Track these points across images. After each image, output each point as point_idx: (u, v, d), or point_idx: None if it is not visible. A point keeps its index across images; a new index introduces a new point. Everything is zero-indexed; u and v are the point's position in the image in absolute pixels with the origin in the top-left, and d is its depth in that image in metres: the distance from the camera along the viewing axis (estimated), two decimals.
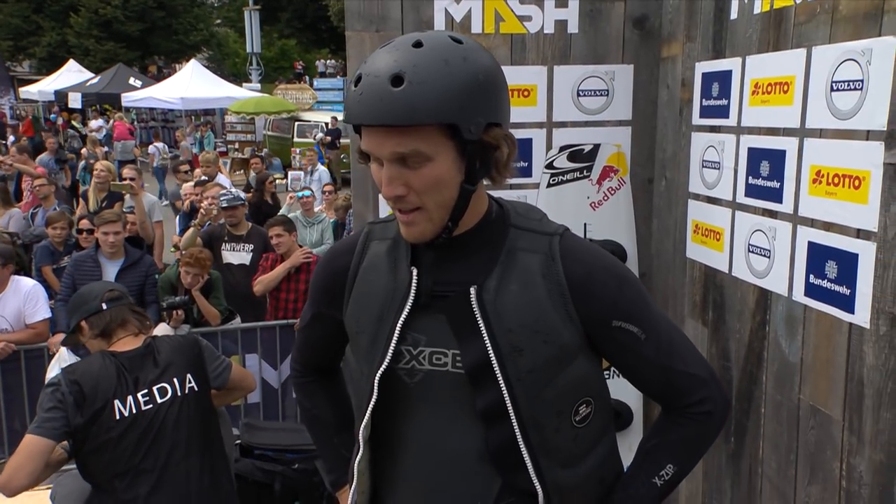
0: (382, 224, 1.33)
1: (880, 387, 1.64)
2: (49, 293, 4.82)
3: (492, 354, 1.19)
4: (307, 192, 6.67)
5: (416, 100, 1.06)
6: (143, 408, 2.41)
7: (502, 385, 1.19)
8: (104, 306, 2.57)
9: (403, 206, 1.15)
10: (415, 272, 1.22)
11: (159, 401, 2.45)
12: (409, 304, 1.22)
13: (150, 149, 16.67)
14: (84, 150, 14.11)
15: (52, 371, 4.08)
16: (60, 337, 4.21)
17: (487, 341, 1.19)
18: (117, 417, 2.37)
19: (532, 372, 1.20)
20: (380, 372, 1.24)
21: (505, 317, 1.19)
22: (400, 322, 1.22)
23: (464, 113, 1.08)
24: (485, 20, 2.51)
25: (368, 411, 1.27)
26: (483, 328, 1.19)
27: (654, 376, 1.27)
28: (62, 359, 4.12)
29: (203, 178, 7.53)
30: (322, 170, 10.59)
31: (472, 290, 1.19)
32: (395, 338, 1.23)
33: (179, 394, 2.49)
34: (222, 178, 7.99)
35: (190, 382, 2.51)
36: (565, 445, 1.25)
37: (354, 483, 1.33)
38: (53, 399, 2.36)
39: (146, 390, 2.44)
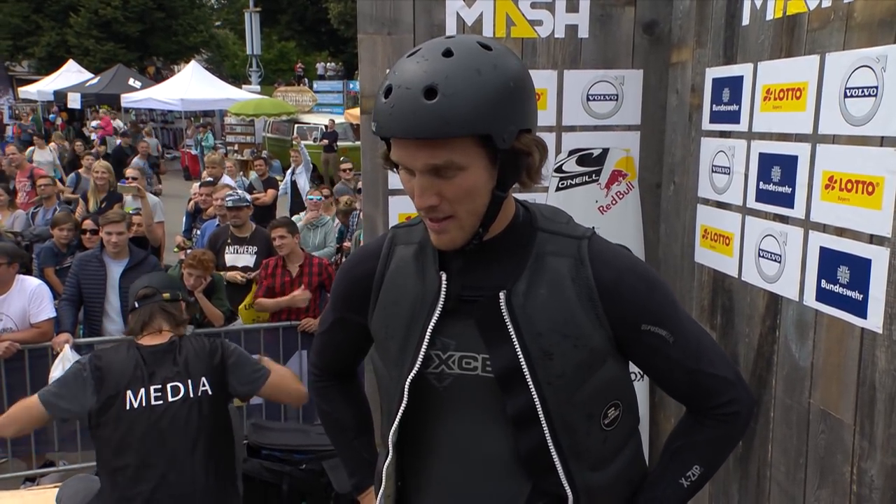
0: (407, 228, 1.32)
1: (892, 391, 1.65)
2: (52, 294, 4.81)
3: (522, 359, 1.19)
4: (318, 197, 6.65)
5: (450, 112, 1.05)
6: (153, 403, 2.46)
7: (532, 390, 1.19)
8: (136, 304, 2.67)
9: (435, 215, 1.15)
10: (444, 277, 1.22)
11: (170, 399, 2.48)
12: (439, 309, 1.22)
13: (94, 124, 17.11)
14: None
15: (56, 371, 4.08)
16: (64, 336, 4.22)
17: (517, 346, 1.19)
18: (127, 407, 2.43)
19: (562, 376, 1.20)
20: (410, 377, 1.24)
21: (535, 321, 1.19)
22: (430, 327, 1.22)
23: (497, 122, 1.08)
24: (496, 24, 2.52)
25: (398, 416, 1.27)
26: (513, 333, 1.19)
27: (682, 378, 1.27)
28: (66, 358, 4.13)
29: (209, 178, 7.52)
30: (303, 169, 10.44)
31: (502, 295, 1.19)
32: (425, 343, 1.23)
33: (192, 395, 2.51)
34: (228, 179, 7.99)
35: (204, 386, 2.53)
36: (595, 448, 1.25)
37: (382, 487, 1.33)
38: (75, 379, 2.45)
39: (159, 386, 2.48)
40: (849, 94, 1.76)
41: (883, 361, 1.67)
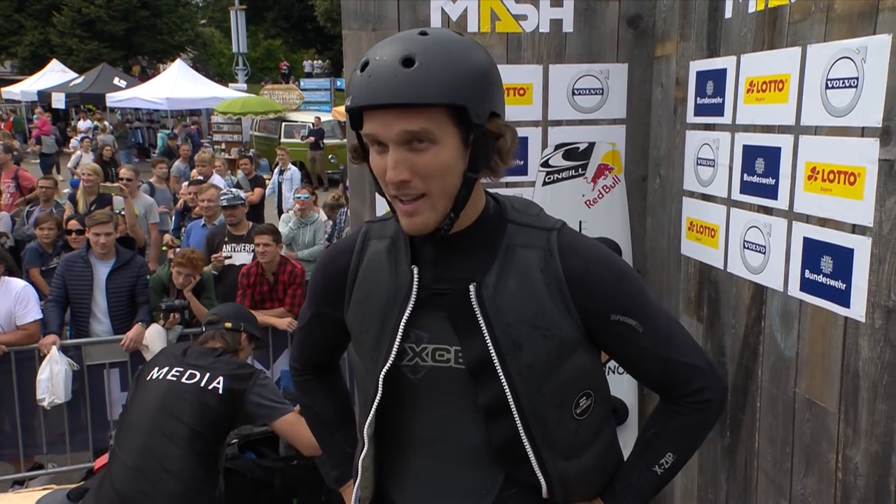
0: (380, 223, 1.33)
1: (875, 379, 1.67)
2: (38, 295, 4.78)
3: (492, 350, 1.20)
4: (306, 195, 6.62)
5: (429, 79, 1.07)
6: (167, 378, 2.64)
7: (503, 380, 1.20)
8: (203, 328, 3.06)
9: (407, 192, 1.14)
10: (416, 270, 1.23)
11: (183, 380, 2.62)
12: (412, 302, 1.23)
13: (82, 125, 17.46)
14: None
15: (44, 372, 4.06)
16: (51, 338, 4.19)
17: (487, 337, 1.20)
18: (147, 378, 2.69)
19: (532, 366, 1.21)
20: (384, 370, 1.25)
21: (504, 312, 1.20)
22: (403, 321, 1.23)
23: (472, 97, 1.10)
24: (481, 19, 2.52)
25: (373, 409, 1.28)
26: (483, 324, 1.20)
27: (653, 367, 1.28)
28: (53, 360, 4.10)
29: (199, 177, 7.48)
30: (294, 170, 10.35)
31: (472, 287, 1.20)
32: (398, 336, 1.24)
33: (202, 385, 2.61)
34: (217, 179, 7.95)
35: (218, 384, 2.59)
36: (567, 437, 1.27)
37: (358, 479, 1.34)
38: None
39: (181, 369, 2.67)
40: (830, 86, 1.78)
41: (866, 350, 1.69)
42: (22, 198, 7.84)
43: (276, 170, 10.32)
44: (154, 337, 4.38)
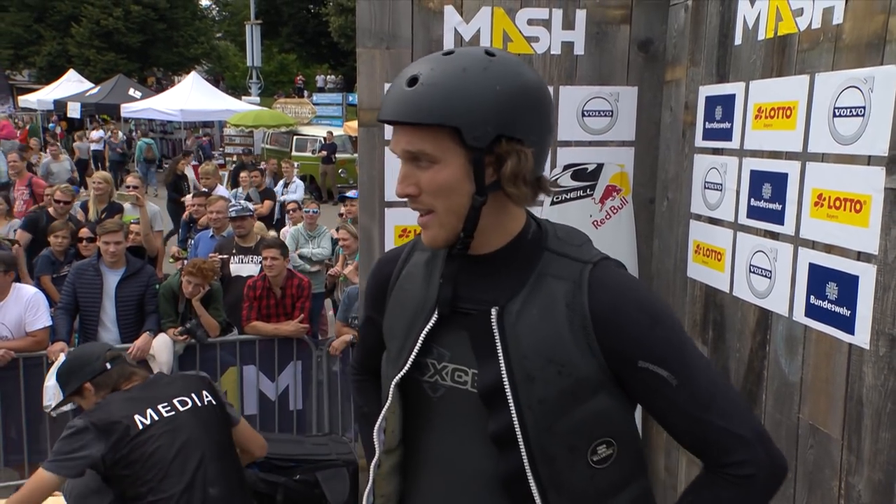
0: None
1: (879, 407, 1.67)
2: (48, 302, 4.82)
3: (505, 379, 1.16)
4: (315, 210, 6.71)
5: (423, 99, 1.10)
6: (165, 415, 2.49)
7: (513, 411, 1.16)
8: (108, 365, 2.64)
9: (416, 207, 1.18)
10: (440, 284, 1.23)
11: (180, 409, 2.52)
12: (435, 316, 1.22)
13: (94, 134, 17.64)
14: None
15: (51, 379, 4.08)
16: (60, 345, 4.22)
17: (502, 365, 1.16)
18: (140, 427, 2.44)
19: (543, 402, 1.16)
20: (397, 378, 1.26)
21: (522, 342, 1.16)
22: (423, 333, 1.23)
23: (469, 119, 1.09)
24: (493, 40, 2.56)
25: (382, 414, 1.29)
26: (500, 351, 1.17)
27: (686, 427, 1.17)
28: None
29: (203, 189, 7.55)
30: (298, 183, 10.44)
31: (493, 311, 1.18)
32: (416, 348, 1.23)
33: (199, 404, 2.57)
34: (221, 190, 8.01)
35: (207, 397, 2.59)
36: (579, 484, 1.19)
37: (370, 484, 1.33)
38: (75, 441, 2.42)
39: (166, 403, 2.52)
40: (837, 114, 1.80)
41: (870, 377, 1.69)
42: (36, 205, 7.91)
43: (281, 183, 10.40)
44: (161, 346, 4.41)
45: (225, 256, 5.27)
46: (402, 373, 1.25)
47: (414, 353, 1.24)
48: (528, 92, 1.14)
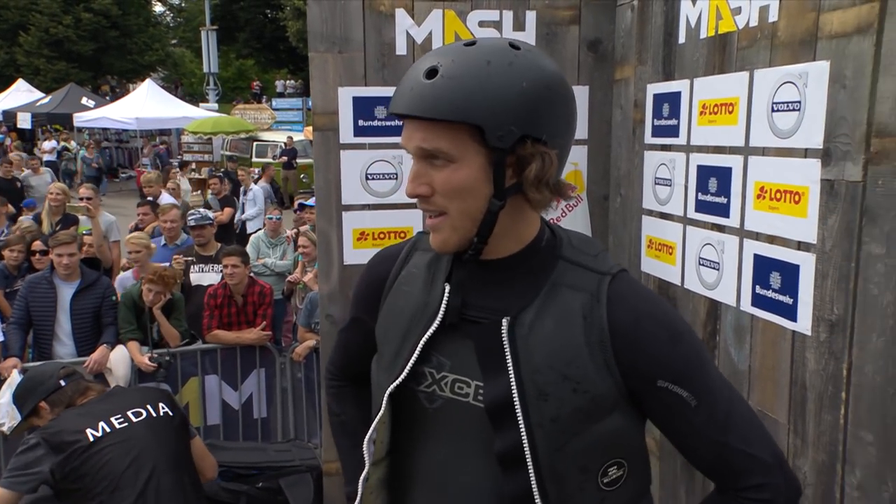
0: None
1: (821, 391, 1.74)
2: (0, 318, 4.70)
3: (515, 395, 1.08)
4: (278, 216, 6.68)
5: (444, 93, 1.01)
6: (118, 426, 2.46)
7: (522, 430, 1.08)
8: (62, 383, 2.63)
9: (428, 208, 1.10)
10: (447, 289, 1.15)
11: (134, 420, 2.50)
12: (437, 323, 1.14)
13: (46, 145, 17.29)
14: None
15: (4, 395, 3.98)
16: (12, 361, 4.12)
17: (512, 380, 1.09)
18: (91, 440, 2.42)
19: (556, 421, 1.09)
20: (391, 387, 1.17)
21: (535, 355, 1.09)
22: (423, 341, 1.15)
23: (493, 117, 1.02)
24: (444, 42, 2.58)
25: (373, 425, 1.21)
26: (510, 365, 1.09)
27: (705, 450, 1.12)
28: (14, 384, 4.03)
29: (149, 198, 7.45)
30: (256, 189, 10.11)
31: (504, 322, 1.10)
32: (415, 356, 1.15)
33: (154, 415, 2.55)
34: (167, 198, 7.91)
35: (164, 408, 2.56)
36: None
37: (358, 498, 1.26)
38: (28, 457, 2.40)
39: (119, 415, 2.49)
40: (775, 109, 1.86)
41: (812, 362, 1.76)
42: None
43: (241, 190, 10.29)
44: (118, 360, 4.33)
45: (190, 258, 5.19)
46: (397, 381, 1.17)
47: (412, 361, 1.16)
48: (555, 90, 1.07)
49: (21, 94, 22.57)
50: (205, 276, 5.19)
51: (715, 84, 2.12)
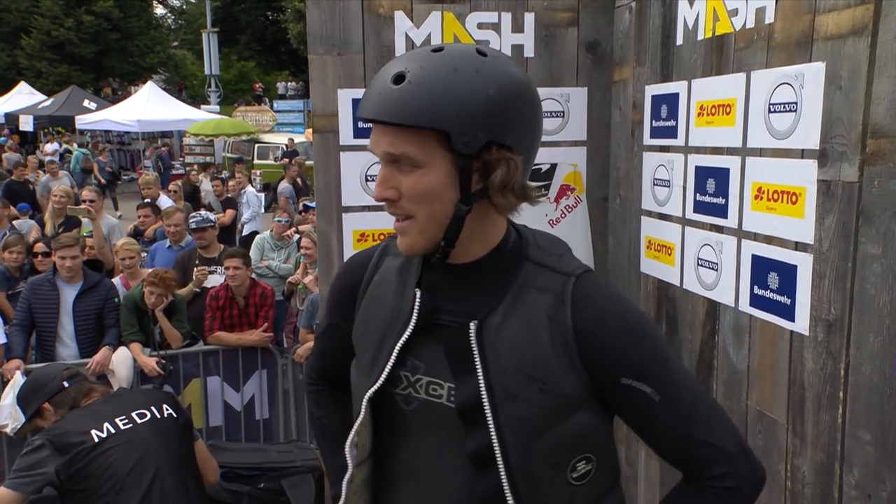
0: None
1: (819, 390, 1.74)
2: (3, 319, 4.72)
3: (484, 396, 1.11)
4: (286, 219, 6.67)
5: (410, 99, 1.02)
6: (122, 427, 2.48)
7: (492, 430, 1.11)
8: (66, 384, 2.65)
9: (395, 212, 1.12)
10: (418, 294, 1.17)
11: (138, 421, 2.51)
12: (410, 328, 1.17)
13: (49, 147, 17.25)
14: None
15: (7, 397, 4.00)
16: (15, 363, 4.14)
17: (481, 381, 1.11)
18: (95, 441, 2.44)
19: (524, 420, 1.12)
20: (370, 392, 1.20)
21: (502, 358, 1.11)
22: (398, 346, 1.17)
23: (459, 123, 1.03)
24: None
25: (354, 428, 1.23)
26: (479, 367, 1.12)
27: (671, 443, 1.16)
28: (17, 385, 4.04)
29: (147, 200, 7.47)
30: (250, 191, 10.08)
31: (472, 325, 1.12)
32: (391, 361, 1.18)
33: (159, 416, 2.56)
34: (165, 200, 7.92)
35: (168, 410, 2.57)
36: (559, 502, 1.17)
37: (342, 499, 1.29)
38: (33, 459, 2.41)
39: (124, 416, 2.51)
40: (772, 110, 1.87)
41: (810, 362, 1.76)
42: None
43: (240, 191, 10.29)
44: (121, 361, 4.35)
45: (213, 269, 5.20)
46: (375, 387, 1.20)
47: (389, 366, 1.18)
48: (521, 97, 1.09)
49: (23, 97, 22.62)
50: (208, 279, 5.21)
51: (712, 85, 2.13)
